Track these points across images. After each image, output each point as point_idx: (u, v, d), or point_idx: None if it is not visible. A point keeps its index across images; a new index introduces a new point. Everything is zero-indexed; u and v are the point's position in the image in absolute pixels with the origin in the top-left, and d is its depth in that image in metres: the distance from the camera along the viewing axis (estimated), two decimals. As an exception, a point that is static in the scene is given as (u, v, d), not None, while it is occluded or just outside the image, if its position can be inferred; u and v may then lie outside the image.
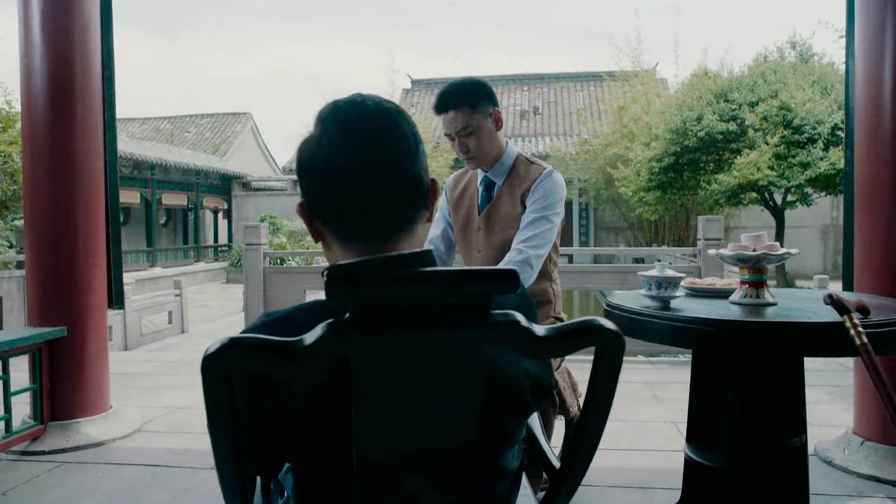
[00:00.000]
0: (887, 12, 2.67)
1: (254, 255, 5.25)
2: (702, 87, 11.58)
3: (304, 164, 0.98)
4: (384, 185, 0.94)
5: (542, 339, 0.92)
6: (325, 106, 1.00)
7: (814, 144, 10.02)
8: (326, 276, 0.85)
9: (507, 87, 25.76)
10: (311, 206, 1.00)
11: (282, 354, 0.86)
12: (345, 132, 0.95)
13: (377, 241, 0.98)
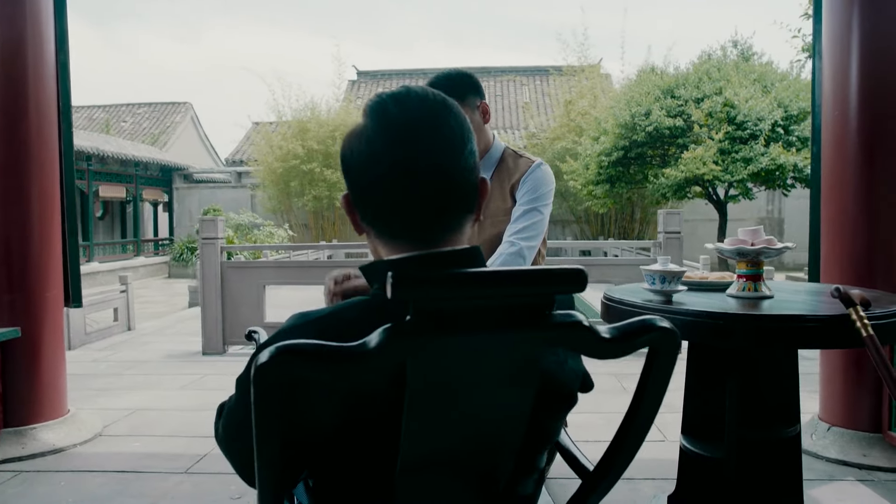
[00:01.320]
0: (853, 14, 2.76)
1: (210, 249, 5.08)
2: (649, 83, 11.84)
3: (347, 159, 0.95)
4: (427, 183, 0.90)
5: (606, 339, 0.90)
6: (371, 99, 0.96)
7: (755, 140, 10.38)
8: (390, 277, 0.80)
9: (454, 80, 25.78)
10: (354, 201, 0.97)
11: (343, 361, 0.81)
12: (388, 128, 0.91)
13: (423, 239, 0.94)
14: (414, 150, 0.90)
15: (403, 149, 0.90)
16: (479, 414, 0.97)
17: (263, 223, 13.57)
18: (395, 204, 0.91)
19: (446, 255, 0.95)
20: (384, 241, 0.95)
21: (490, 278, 0.84)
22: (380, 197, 0.92)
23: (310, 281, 5.19)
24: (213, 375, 4.42)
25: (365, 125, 0.93)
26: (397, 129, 0.91)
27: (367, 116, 0.93)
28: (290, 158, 16.54)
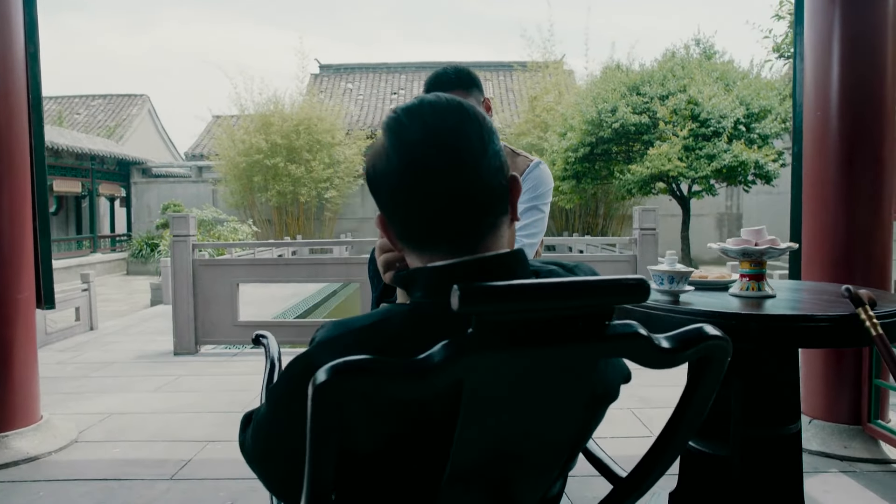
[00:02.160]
0: (835, 18, 2.81)
1: (182, 247, 4.95)
2: (615, 79, 11.97)
3: (373, 179, 0.94)
4: (454, 190, 0.89)
5: (665, 349, 0.89)
6: (387, 115, 0.95)
7: (719, 138, 10.59)
8: (457, 289, 0.77)
9: (417, 74, 25.68)
10: (387, 220, 0.96)
11: (407, 378, 0.78)
12: (405, 142, 0.90)
13: (462, 247, 0.92)
14: (435, 160, 0.89)
15: (424, 160, 0.88)
16: (532, 424, 0.96)
17: (227, 219, 13.31)
18: (426, 217, 0.90)
19: (490, 260, 0.93)
20: (423, 255, 0.93)
21: (558, 289, 0.82)
22: (410, 212, 0.91)
23: (284, 279, 5.10)
24: (187, 377, 4.31)
25: (383, 143, 0.92)
26: (414, 145, 0.89)
27: (384, 134, 0.92)
28: (253, 153, 16.25)
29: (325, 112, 17.47)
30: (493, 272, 0.92)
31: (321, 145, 16.90)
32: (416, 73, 25.61)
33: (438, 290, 0.91)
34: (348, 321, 0.95)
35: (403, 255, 0.99)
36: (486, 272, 0.92)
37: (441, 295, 0.91)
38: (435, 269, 0.92)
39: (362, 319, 0.94)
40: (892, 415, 2.91)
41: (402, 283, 1.01)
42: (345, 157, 17.44)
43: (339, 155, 17.27)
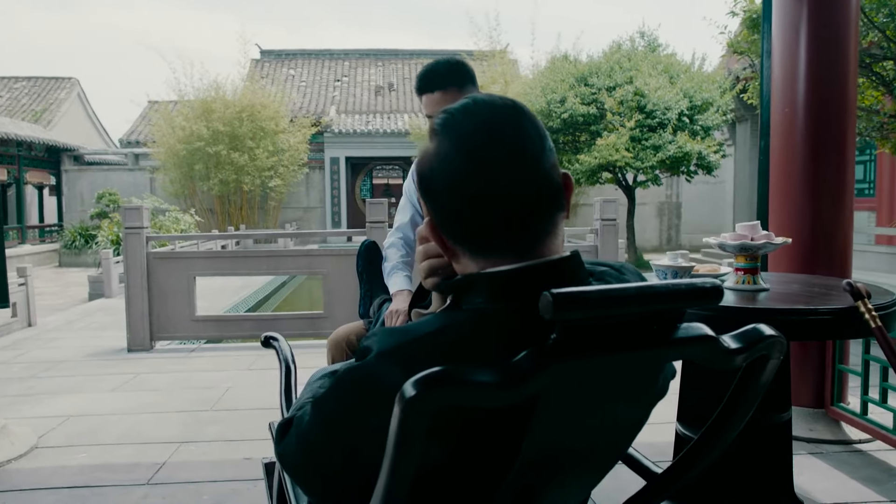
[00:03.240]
0: (801, 19, 2.91)
1: (135, 239, 4.74)
2: (564, 70, 12.10)
3: (428, 182, 0.91)
4: (515, 191, 0.88)
5: (732, 350, 0.91)
6: (438, 117, 0.93)
7: (664, 129, 10.87)
8: (549, 296, 0.76)
9: (361, 61, 25.39)
10: (438, 223, 0.93)
11: (496, 389, 0.77)
12: (463, 141, 0.88)
13: (523, 248, 0.91)
14: (495, 160, 0.87)
15: (485, 160, 0.87)
16: (599, 426, 0.96)
17: (169, 208, 12.87)
18: (486, 218, 0.88)
19: (555, 264, 0.92)
20: (479, 259, 0.91)
21: (645, 294, 0.81)
22: (472, 212, 0.88)
23: (245, 271, 4.97)
24: (146, 374, 4.15)
25: (439, 144, 0.90)
26: (473, 141, 0.87)
27: (438, 135, 0.90)
28: (193, 140, 15.74)
29: (268, 99, 17.06)
30: (558, 276, 0.91)
31: (265, 133, 16.52)
32: (359, 61, 25.30)
33: (502, 296, 0.90)
34: (404, 329, 0.92)
35: (452, 260, 0.97)
36: (551, 276, 0.91)
37: (505, 300, 0.89)
38: (499, 273, 0.90)
39: (422, 327, 0.92)
40: (850, 398, 3.06)
41: (454, 288, 0.99)
42: (289, 145, 17.10)
43: (283, 143, 16.92)
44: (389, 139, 19.84)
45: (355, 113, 21.65)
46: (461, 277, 0.97)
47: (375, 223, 4.93)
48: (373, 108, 22.46)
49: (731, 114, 11.87)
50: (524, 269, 0.89)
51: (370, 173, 22.29)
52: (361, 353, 0.95)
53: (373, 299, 2.26)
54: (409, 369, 0.86)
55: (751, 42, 5.13)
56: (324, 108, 21.43)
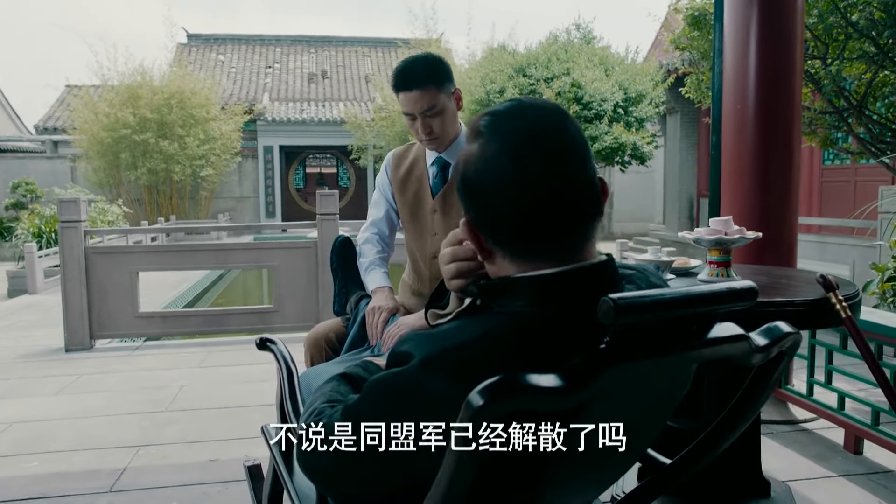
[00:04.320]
0: (752, 20, 3.03)
1: (72, 233, 4.51)
2: (502, 61, 12.20)
3: (472, 182, 0.91)
4: (564, 198, 0.89)
5: (761, 347, 0.95)
6: (482, 117, 0.93)
7: (600, 120, 11.13)
8: (611, 301, 0.78)
9: (293, 48, 24.82)
10: (478, 225, 0.93)
11: (559, 394, 0.79)
12: (514, 143, 0.88)
13: (565, 252, 0.92)
14: (546, 163, 0.88)
15: (535, 162, 0.87)
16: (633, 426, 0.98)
17: (95, 199, 12.26)
18: (533, 221, 0.89)
19: (596, 268, 0.94)
20: (519, 261, 0.92)
21: (693, 298, 0.84)
22: (516, 216, 0.89)
23: (191, 265, 4.81)
24: (90, 375, 3.97)
25: (486, 144, 0.90)
26: (524, 142, 0.88)
27: (485, 136, 0.90)
28: (119, 127, 15.04)
29: (198, 85, 16.47)
30: (598, 279, 0.93)
31: (195, 120, 15.95)
32: (291, 47, 24.73)
33: (544, 299, 0.90)
34: (443, 334, 0.92)
35: (487, 261, 0.97)
36: (591, 280, 0.93)
37: (547, 303, 0.90)
38: (542, 277, 0.91)
39: (462, 332, 0.91)
40: (795, 381, 3.24)
41: (489, 291, 0.99)
42: (221, 133, 16.58)
43: (215, 131, 16.39)
44: (324, 128, 19.55)
45: (289, 101, 21.19)
46: (497, 280, 0.97)
47: (327, 215, 4.86)
48: (306, 95, 22.03)
49: (662, 106, 12.25)
50: (567, 273, 0.90)
51: (303, 162, 21.90)
52: (399, 360, 0.94)
53: (348, 296, 2.23)
54: (455, 376, 0.86)
55: (692, 38, 5.32)
56: (256, 96, 20.87)
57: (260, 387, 3.65)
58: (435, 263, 2.18)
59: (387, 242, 2.31)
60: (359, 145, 17.83)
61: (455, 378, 0.85)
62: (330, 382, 1.21)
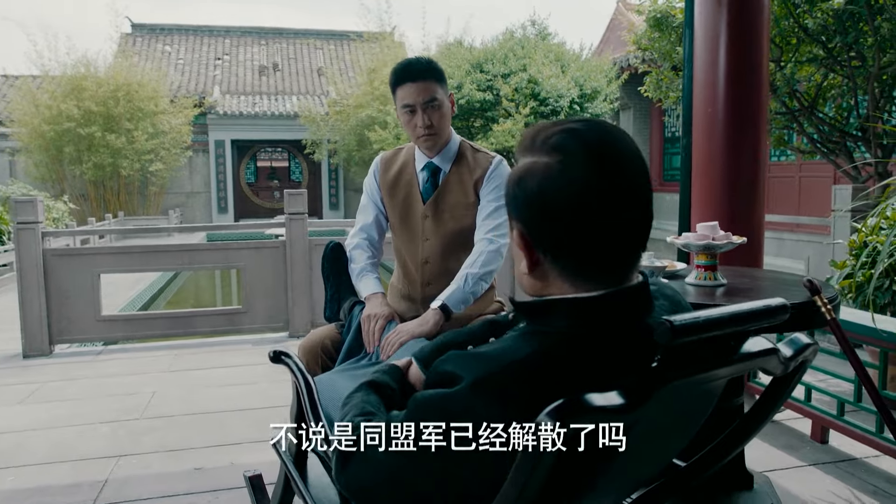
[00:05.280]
0: (720, 27, 3.13)
1: (28, 235, 4.34)
2: (459, 56, 12.23)
3: (536, 196, 0.91)
4: (635, 226, 0.92)
5: (788, 358, 1.00)
6: (556, 131, 0.92)
7: (557, 116, 11.27)
8: (670, 325, 0.81)
9: (243, 39, 24.33)
10: (534, 237, 0.93)
11: (622, 412, 0.82)
12: (602, 168, 0.88)
13: (618, 272, 0.94)
14: (628, 189, 0.90)
15: (619, 188, 0.89)
16: (670, 439, 1.03)
17: (38, 195, 11.77)
18: (602, 243, 0.90)
19: (638, 289, 0.96)
20: (569, 278, 0.93)
21: (737, 317, 0.89)
22: (587, 236, 0.89)
23: (155, 267, 4.69)
24: (54, 383, 3.84)
25: (556, 161, 0.89)
26: (610, 166, 0.89)
27: (564, 151, 0.90)
28: (62, 120, 14.50)
29: (146, 77, 15.98)
30: (639, 301, 0.96)
31: (143, 114, 15.50)
32: (241, 39, 24.22)
33: (588, 321, 0.92)
34: (489, 356, 0.92)
35: (531, 273, 0.96)
36: (634, 301, 0.95)
37: (590, 325, 0.92)
38: (588, 299, 0.92)
39: (507, 353, 0.91)
40: (762, 374, 3.38)
41: (530, 311, 0.99)
42: (170, 127, 16.16)
43: (164, 124, 15.96)
44: (277, 121, 19.25)
45: (240, 94, 20.77)
46: (540, 301, 0.98)
47: (295, 214, 4.81)
48: (258, 88, 21.64)
49: (616, 102, 12.49)
50: (612, 296, 0.92)
51: (255, 156, 21.54)
52: (444, 380, 0.94)
53: (341, 302, 2.23)
54: (504, 398, 0.88)
55: (652, 39, 5.45)
56: (205, 88, 20.38)
57: (235, 391, 3.60)
58: (427, 268, 2.20)
59: (377, 247, 2.32)
60: (313, 139, 17.63)
61: (506, 400, 0.87)
62: (358, 392, 1.20)
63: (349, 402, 1.18)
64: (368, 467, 1.01)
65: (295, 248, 4.79)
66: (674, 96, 5.97)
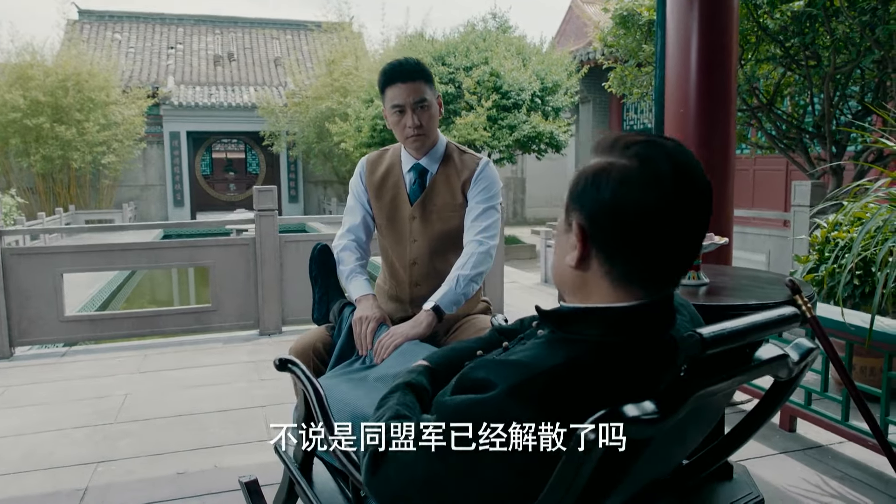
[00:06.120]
0: (692, 31, 3.21)
1: (-15, 234, 4.20)
2: (421, 48, 12.18)
3: (608, 194, 0.92)
4: (696, 242, 0.96)
5: (796, 362, 1.06)
6: (636, 139, 0.95)
7: (518, 109, 11.35)
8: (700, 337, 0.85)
9: (197, 28, 23.72)
10: (594, 236, 0.94)
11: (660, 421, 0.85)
12: (680, 182, 0.92)
13: (657, 288, 0.97)
14: (699, 206, 0.94)
15: (692, 203, 0.93)
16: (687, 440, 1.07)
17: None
18: (663, 254, 0.93)
19: (670, 298, 1.01)
20: (614, 282, 0.95)
21: (759, 326, 0.93)
22: (650, 244, 0.92)
23: (120, 265, 4.58)
24: (19, 387, 3.73)
25: (636, 165, 0.92)
26: (688, 181, 0.92)
27: (644, 157, 0.92)
28: (7, 111, 13.95)
29: (96, 66, 15.47)
30: (667, 312, 1.00)
31: (95, 104, 15.01)
32: (195, 28, 23.61)
33: (619, 329, 0.96)
34: (525, 362, 0.94)
35: (578, 267, 0.97)
36: (664, 312, 0.99)
37: (623, 334, 0.95)
38: (624, 309, 0.95)
39: (541, 360, 0.94)
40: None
41: (561, 319, 1.01)
42: (123, 118, 15.68)
43: (116, 115, 15.49)
44: (234, 113, 18.89)
45: (196, 84, 20.29)
46: (571, 308, 1.00)
47: (265, 211, 4.75)
48: (213, 79, 21.16)
49: (577, 95, 12.63)
50: (647, 306, 0.96)
51: (209, 148, 21.11)
52: (477, 385, 0.97)
53: (329, 304, 2.23)
54: (542, 405, 0.91)
55: (618, 36, 5.54)
56: (159, 78, 19.84)
57: (211, 391, 3.56)
58: (415, 269, 2.22)
59: (364, 249, 2.32)
60: (272, 131, 17.36)
61: (543, 407, 0.90)
62: (395, 393, 1.20)
63: (385, 402, 1.18)
64: (400, 470, 1.02)
65: (265, 246, 4.74)
66: (637, 92, 6.09)
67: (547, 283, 7.43)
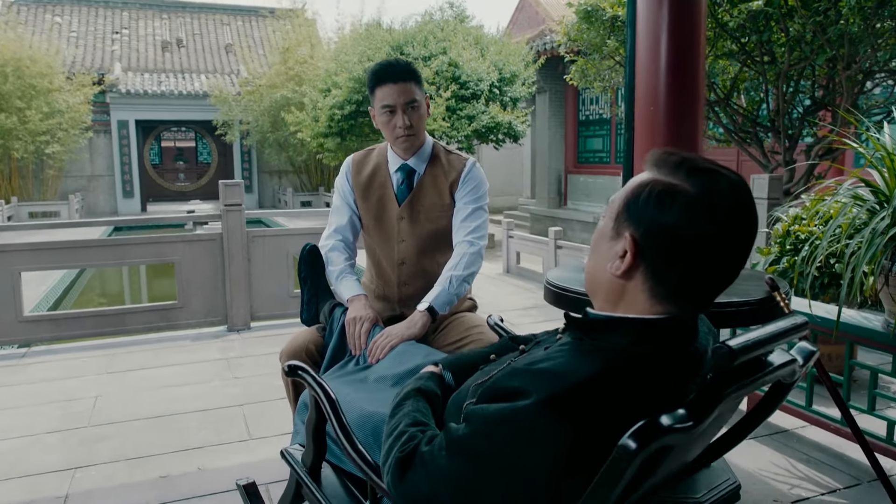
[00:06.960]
0: (661, 30, 3.29)
1: (-61, 233, 4.03)
2: (379, 38, 12.06)
3: (670, 217, 0.95)
4: (740, 266, 1.00)
5: (801, 365, 1.13)
6: (707, 168, 0.98)
7: (477, 100, 11.38)
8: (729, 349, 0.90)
9: (143, 13, 22.97)
10: (647, 247, 0.97)
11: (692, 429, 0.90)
12: (736, 216, 0.96)
13: (695, 306, 1.02)
14: (747, 234, 0.98)
15: (743, 233, 0.97)
16: (704, 441, 1.13)
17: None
18: (709, 274, 0.98)
19: (695, 315, 1.06)
20: (654, 297, 0.99)
21: (777, 334, 0.99)
22: (698, 265, 0.96)
23: (82, 263, 4.46)
24: (-20, 391, 3.61)
25: (701, 193, 0.95)
26: (739, 211, 0.96)
27: (702, 186, 0.95)
28: (-59, 98, 13.29)
29: (37, 51, 14.85)
30: (694, 325, 1.05)
31: (36, 92, 14.43)
32: (141, 12, 22.85)
33: (646, 339, 1.00)
34: (556, 372, 0.97)
35: (623, 277, 1.00)
36: (693, 325, 1.04)
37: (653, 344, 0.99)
38: (658, 321, 0.99)
39: (573, 370, 0.97)
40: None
41: (590, 327, 1.05)
42: (68, 106, 15.12)
43: (60, 103, 14.92)
44: (185, 101, 18.41)
45: (144, 71, 19.68)
46: (604, 317, 1.04)
47: (232, 206, 4.68)
48: (162, 66, 20.55)
49: (534, 86, 12.73)
50: (678, 318, 1.00)
51: (159, 137, 20.53)
52: (509, 394, 1.00)
53: (319, 304, 2.23)
54: (578, 415, 0.95)
55: (581, 31, 5.62)
56: (104, 64, 19.15)
57: (185, 391, 3.51)
58: (403, 269, 2.24)
59: (352, 249, 2.33)
60: (224, 120, 16.99)
61: (577, 416, 0.94)
62: (407, 400, 1.22)
63: (399, 410, 1.20)
64: (429, 477, 1.04)
65: (232, 241, 4.67)
66: (600, 86, 6.19)
67: (509, 274, 7.52)
